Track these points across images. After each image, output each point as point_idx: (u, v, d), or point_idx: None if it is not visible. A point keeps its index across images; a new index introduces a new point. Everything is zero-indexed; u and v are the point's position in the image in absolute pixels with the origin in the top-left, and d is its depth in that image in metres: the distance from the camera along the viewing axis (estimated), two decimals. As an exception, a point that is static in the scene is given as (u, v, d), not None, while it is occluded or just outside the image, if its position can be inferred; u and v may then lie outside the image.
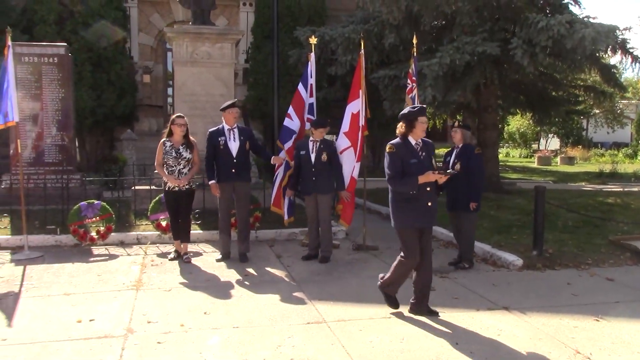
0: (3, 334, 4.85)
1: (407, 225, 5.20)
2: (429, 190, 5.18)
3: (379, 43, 13.25)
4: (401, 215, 5.23)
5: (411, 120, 5.13)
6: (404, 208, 5.20)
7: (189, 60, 10.46)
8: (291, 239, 8.80)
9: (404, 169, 5.10)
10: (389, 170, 5.16)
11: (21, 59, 10.14)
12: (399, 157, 5.12)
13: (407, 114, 5.18)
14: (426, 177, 5.03)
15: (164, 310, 5.47)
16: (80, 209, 8.09)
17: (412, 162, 5.10)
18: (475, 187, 6.99)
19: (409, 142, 5.18)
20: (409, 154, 5.14)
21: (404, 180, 5.09)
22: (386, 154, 5.20)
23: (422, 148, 5.23)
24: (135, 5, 18.94)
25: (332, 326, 5.07)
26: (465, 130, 7.24)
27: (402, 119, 5.22)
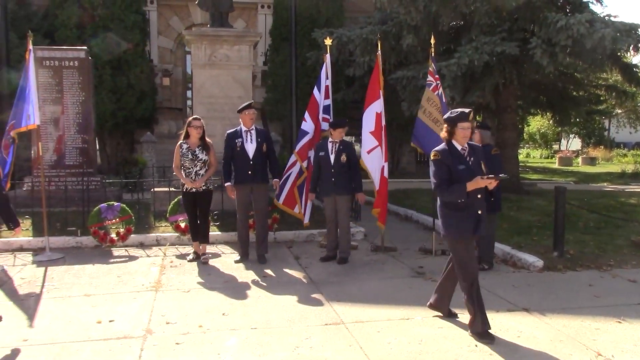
0: (24, 334, 4.91)
1: (460, 236, 4.85)
2: (479, 198, 4.86)
3: (396, 44, 13.23)
4: (452, 225, 4.87)
5: (452, 125, 4.79)
6: (455, 217, 4.86)
7: (207, 63, 10.53)
8: (310, 240, 8.80)
9: (451, 176, 4.76)
10: (434, 178, 4.84)
11: (42, 63, 10.26)
12: (444, 163, 4.77)
13: (447, 119, 4.86)
14: (475, 183, 4.68)
15: (182, 311, 5.49)
16: (100, 210, 8.17)
17: (460, 168, 4.75)
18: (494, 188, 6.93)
19: (454, 148, 4.83)
20: (456, 160, 4.77)
21: (452, 189, 4.74)
22: (430, 162, 4.89)
23: (470, 153, 4.87)
24: (155, 9, 19.10)
25: (350, 327, 5.06)
26: (483, 131, 7.19)
27: (445, 123, 4.90)
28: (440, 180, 4.80)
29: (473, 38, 12.01)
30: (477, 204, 4.85)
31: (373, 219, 8.39)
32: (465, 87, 12.26)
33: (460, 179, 4.72)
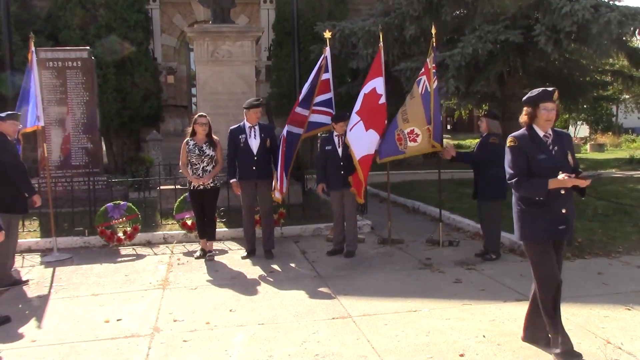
0: (33, 335, 4.93)
1: (537, 238, 4.18)
2: (563, 194, 4.11)
3: (399, 35, 13.17)
4: (528, 225, 4.19)
5: (532, 106, 4.14)
6: (532, 215, 4.17)
7: (210, 60, 10.52)
8: (316, 235, 8.79)
9: (530, 167, 4.09)
10: (510, 168, 4.15)
11: (46, 64, 10.27)
12: (522, 151, 4.09)
13: (527, 100, 4.19)
14: (559, 182, 3.95)
15: (190, 309, 5.50)
16: (107, 210, 8.19)
17: (541, 158, 4.06)
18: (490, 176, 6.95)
19: (535, 133, 4.16)
20: (536, 148, 4.09)
21: (530, 184, 4.05)
22: (507, 149, 4.21)
23: (554, 141, 4.17)
24: (157, 7, 19.10)
25: (357, 321, 5.05)
26: (490, 120, 7.16)
27: (524, 104, 4.22)
28: (518, 171, 4.10)
29: (476, 27, 11.94)
30: (560, 201, 4.12)
31: (380, 212, 8.39)
32: (470, 76, 12.19)
33: (540, 171, 4.05)
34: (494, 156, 6.88)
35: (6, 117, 6.47)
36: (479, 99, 15.74)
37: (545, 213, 4.11)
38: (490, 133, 7.10)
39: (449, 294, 5.78)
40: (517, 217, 4.28)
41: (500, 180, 6.97)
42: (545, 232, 4.13)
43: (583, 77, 15.45)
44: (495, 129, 7.15)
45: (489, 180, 6.95)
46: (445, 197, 9.08)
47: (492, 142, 7.03)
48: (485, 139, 7.08)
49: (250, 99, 7.74)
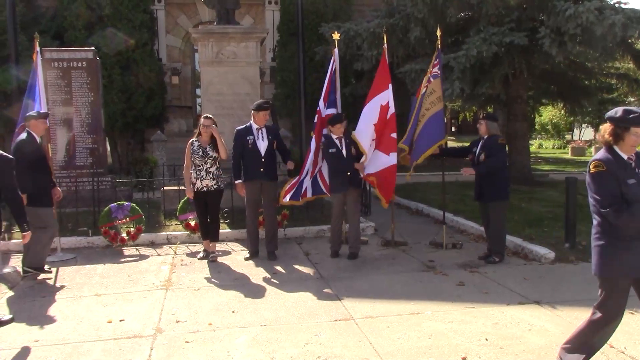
0: (36, 335, 4.94)
1: (620, 274, 3.78)
2: None
3: (404, 37, 13.16)
4: (613, 260, 3.75)
5: (622, 128, 3.66)
6: (619, 249, 3.71)
7: (214, 60, 10.54)
8: (320, 236, 8.79)
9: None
10: (600, 196, 3.67)
11: (51, 64, 10.29)
12: (613, 176, 3.65)
13: (619, 119, 3.67)
14: None
15: (192, 310, 5.50)
16: (111, 210, 8.21)
17: (631, 183, 3.63)
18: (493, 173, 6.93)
19: (619, 157, 3.71)
20: (624, 173, 3.66)
21: (633, 210, 3.57)
22: (591, 175, 3.74)
23: (637, 164, 3.74)
24: (163, 8, 19.12)
25: (359, 323, 5.05)
26: (489, 122, 7.15)
27: (612, 122, 3.74)
28: (612, 199, 3.63)
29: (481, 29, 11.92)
30: None
31: (383, 214, 8.38)
32: (475, 78, 12.17)
33: (632, 197, 3.62)
34: (505, 157, 6.93)
35: (38, 116, 6.74)
36: (484, 101, 15.72)
37: (634, 248, 3.69)
38: (492, 135, 7.08)
39: (452, 296, 5.77)
40: (599, 251, 3.82)
41: (505, 180, 7.00)
42: (632, 269, 3.74)
43: (588, 80, 15.42)
44: (495, 131, 7.14)
45: (495, 180, 6.93)
46: (448, 199, 9.07)
47: (501, 143, 7.05)
48: (491, 141, 7.02)
49: (259, 101, 7.75)
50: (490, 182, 6.96)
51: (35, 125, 6.77)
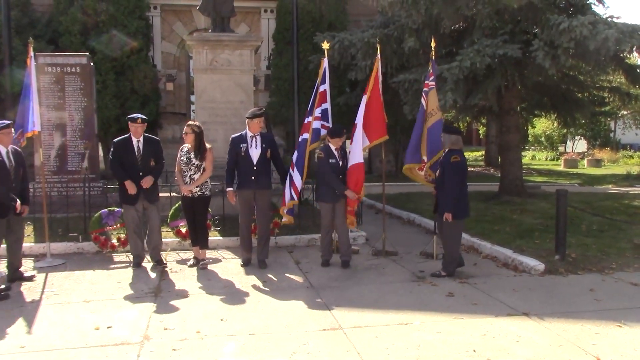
0: (22, 341, 4.91)
1: None
2: None
3: (398, 47, 13.18)
4: None
5: None
6: None
7: (208, 68, 10.55)
8: (311, 245, 8.78)
9: None
10: None
11: (45, 69, 10.28)
12: None
13: None
14: None
15: (181, 317, 5.48)
16: (102, 216, 8.18)
17: None
18: (449, 197, 6.79)
19: None
20: None
21: None
22: None
23: None
24: (158, 14, 19.13)
25: (347, 332, 5.04)
26: (447, 135, 7.02)
27: None
28: None
29: (475, 41, 11.95)
30: None
31: (375, 223, 8.39)
32: (468, 90, 12.20)
33: None
34: (462, 174, 6.88)
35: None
36: (477, 112, 15.77)
37: None
38: (450, 149, 6.98)
39: (441, 307, 5.77)
40: None
41: (465, 198, 6.91)
42: None
43: (581, 93, 15.46)
44: (455, 144, 6.94)
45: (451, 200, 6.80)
46: (440, 210, 9.07)
47: (453, 161, 6.82)
48: (447, 157, 6.93)
49: (254, 109, 7.78)
50: (443, 199, 6.90)
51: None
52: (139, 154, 7.30)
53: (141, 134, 7.35)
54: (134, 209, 7.41)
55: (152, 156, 7.39)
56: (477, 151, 35.88)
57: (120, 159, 7.31)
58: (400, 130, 16.52)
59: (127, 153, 7.29)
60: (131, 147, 7.30)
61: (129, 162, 7.28)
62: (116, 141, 7.45)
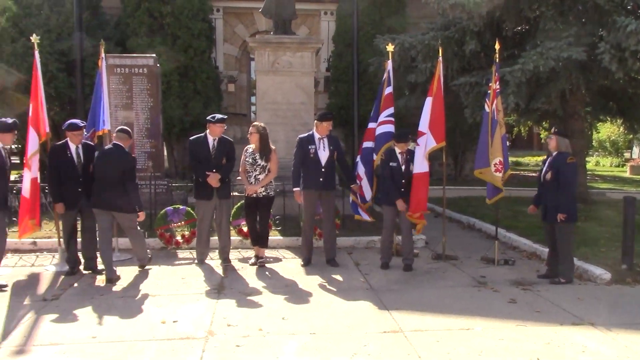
0: (94, 331, 5.12)
1: None
2: None
3: (459, 49, 13.06)
4: None
5: None
6: None
7: (270, 70, 10.70)
8: (370, 247, 8.80)
9: None
10: None
11: (114, 70, 10.64)
12: None
13: None
14: None
15: (243, 314, 5.60)
16: (167, 214, 8.42)
17: None
18: (565, 198, 6.75)
19: None
20: None
21: None
22: None
23: None
24: (221, 17, 19.50)
25: (408, 336, 5.05)
26: (560, 138, 6.97)
27: None
28: None
29: (538, 43, 11.72)
30: None
31: (433, 227, 8.34)
32: (530, 93, 11.97)
33: None
34: (575, 176, 6.78)
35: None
36: (539, 116, 15.43)
37: None
38: (561, 152, 6.92)
39: (503, 313, 5.71)
40: None
41: (573, 201, 6.82)
42: None
43: (649, 97, 14.95)
44: (565, 147, 6.97)
45: (567, 201, 6.75)
46: (501, 215, 8.93)
47: (570, 162, 6.81)
48: (561, 159, 6.88)
49: (323, 111, 7.91)
50: (556, 203, 6.79)
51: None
52: (213, 152, 7.48)
53: (219, 133, 7.54)
54: (209, 205, 7.59)
55: (224, 156, 7.55)
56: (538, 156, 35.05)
57: (196, 156, 7.52)
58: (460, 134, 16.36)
59: (202, 151, 7.50)
60: (206, 145, 7.51)
61: (202, 160, 7.48)
62: (192, 139, 7.70)
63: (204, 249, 7.80)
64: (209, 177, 7.37)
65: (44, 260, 7.90)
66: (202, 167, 7.46)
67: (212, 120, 7.48)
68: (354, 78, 13.34)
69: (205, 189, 7.47)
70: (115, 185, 6.91)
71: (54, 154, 7.12)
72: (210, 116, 7.60)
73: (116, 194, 6.91)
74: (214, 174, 7.39)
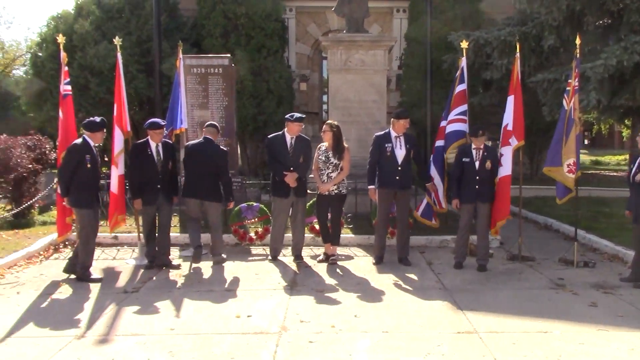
0: (171, 324, 5.28)
1: None
2: None
3: (537, 45, 12.73)
4: None
5: None
6: None
7: (342, 68, 10.72)
8: (443, 246, 8.68)
9: None
10: None
11: (190, 70, 10.90)
12: None
13: None
14: None
15: (315, 311, 5.64)
16: (241, 210, 8.58)
17: None
18: None
19: None
20: None
21: None
22: None
23: None
24: (293, 17, 19.68)
25: (483, 337, 4.95)
26: None
27: None
28: None
29: (622, 37, 11.28)
30: None
31: (508, 227, 8.16)
32: (613, 89, 11.53)
33: None
34: None
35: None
36: (622, 113, 14.83)
37: None
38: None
39: (583, 317, 5.50)
40: None
41: None
42: None
43: None
44: None
45: None
46: (581, 215, 8.64)
47: None
48: None
49: (400, 109, 7.88)
50: None
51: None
52: (291, 150, 7.57)
53: (296, 132, 7.62)
54: (285, 202, 7.68)
55: (302, 154, 7.62)
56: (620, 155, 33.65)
57: (273, 153, 7.63)
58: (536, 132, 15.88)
59: (280, 149, 7.60)
60: (284, 143, 7.60)
61: (280, 158, 7.58)
62: (270, 137, 7.81)
63: (278, 246, 7.90)
64: (287, 176, 7.45)
65: (124, 254, 8.22)
66: (280, 165, 7.55)
67: (291, 119, 7.56)
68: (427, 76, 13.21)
69: (282, 186, 7.55)
70: (207, 176, 7.38)
71: (136, 151, 7.40)
72: (289, 115, 7.69)
73: (208, 185, 7.39)
74: (291, 173, 7.46)
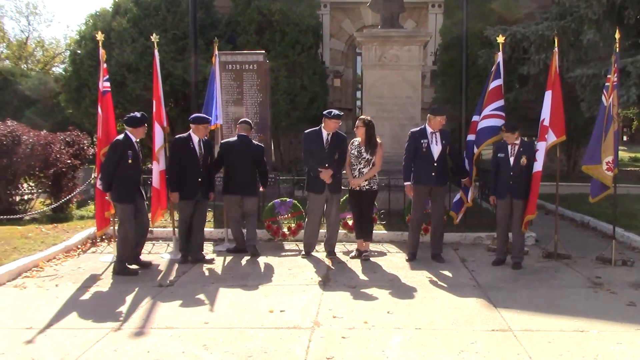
0: (205, 318, 5.34)
1: None
2: None
3: (575, 40, 12.48)
4: None
5: None
6: None
7: (377, 64, 10.68)
8: (477, 243, 8.60)
9: None
10: None
11: (225, 67, 10.99)
12: None
13: None
14: None
15: (348, 307, 5.65)
16: (274, 206, 8.62)
17: None
18: None
19: None
20: None
21: None
22: None
23: None
24: (328, 13, 19.66)
25: (518, 335, 4.89)
26: None
27: None
28: None
29: (665, 31, 11.02)
30: None
31: (544, 225, 8.05)
32: (655, 85, 11.25)
33: None
34: None
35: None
36: (663, 109, 14.50)
37: None
38: None
39: (621, 316, 5.40)
40: None
41: None
42: None
43: None
44: None
45: None
46: (619, 213, 8.45)
47: None
48: None
49: (436, 105, 7.84)
50: None
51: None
52: (327, 146, 7.59)
53: (333, 128, 7.60)
54: (320, 198, 7.70)
55: (338, 150, 7.62)
56: (660, 152, 32.84)
57: (309, 149, 7.65)
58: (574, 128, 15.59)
59: (316, 144, 7.62)
60: (320, 139, 7.62)
61: (316, 153, 7.61)
62: (307, 132, 7.82)
63: (312, 241, 7.92)
64: (322, 173, 7.47)
65: (159, 249, 8.33)
66: (315, 160, 7.56)
67: (329, 116, 7.56)
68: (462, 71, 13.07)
69: (317, 182, 7.57)
70: (245, 172, 7.74)
71: (178, 145, 7.48)
72: (327, 111, 7.70)
73: (247, 180, 7.75)
74: (326, 170, 7.48)
